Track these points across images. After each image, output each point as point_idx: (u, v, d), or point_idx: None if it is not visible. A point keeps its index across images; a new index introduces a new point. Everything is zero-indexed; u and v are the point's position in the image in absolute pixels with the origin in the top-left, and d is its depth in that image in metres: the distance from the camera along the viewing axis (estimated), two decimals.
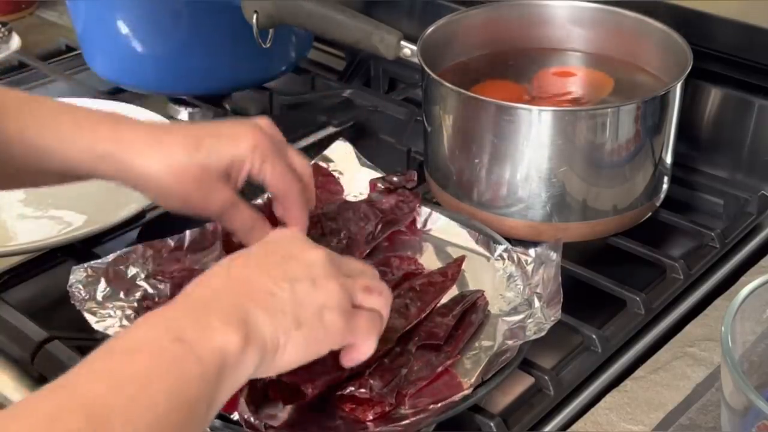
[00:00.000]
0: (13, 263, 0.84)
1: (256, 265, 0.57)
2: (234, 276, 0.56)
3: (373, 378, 0.64)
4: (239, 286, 0.55)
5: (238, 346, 0.51)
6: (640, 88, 0.88)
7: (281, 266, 0.57)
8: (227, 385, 0.50)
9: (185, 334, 0.49)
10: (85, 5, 1.07)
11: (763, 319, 0.60)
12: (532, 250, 0.75)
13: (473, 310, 0.71)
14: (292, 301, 0.55)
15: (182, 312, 0.52)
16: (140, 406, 0.45)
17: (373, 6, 1.18)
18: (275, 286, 0.55)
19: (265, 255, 0.58)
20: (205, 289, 0.54)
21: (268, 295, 0.54)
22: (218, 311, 0.52)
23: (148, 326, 0.51)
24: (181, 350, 0.48)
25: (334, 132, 1.04)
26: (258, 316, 0.53)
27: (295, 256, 0.58)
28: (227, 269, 0.56)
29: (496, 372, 0.65)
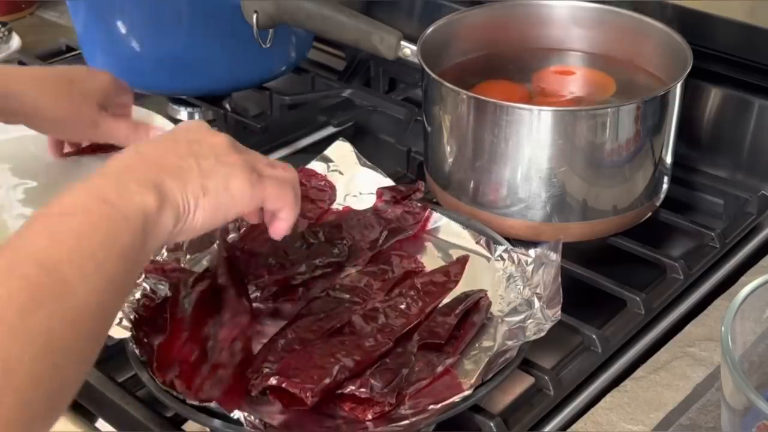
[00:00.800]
0: None
1: (163, 147, 0.63)
2: (143, 154, 0.61)
3: (374, 378, 0.64)
4: (149, 162, 0.60)
5: (155, 206, 0.57)
6: (640, 88, 0.88)
7: (186, 147, 0.63)
8: (151, 240, 0.57)
9: (109, 197, 0.55)
10: (85, 5, 1.07)
11: (763, 319, 0.60)
12: (532, 250, 0.75)
13: (476, 310, 0.71)
14: (198, 172, 0.61)
15: (102, 181, 0.58)
16: (82, 255, 0.51)
17: (373, 6, 1.18)
18: (181, 161, 0.61)
19: (172, 140, 0.64)
20: (119, 164, 0.60)
21: (175, 167, 0.60)
22: (134, 179, 0.58)
23: (73, 195, 0.56)
24: (107, 210, 0.55)
25: (334, 132, 1.04)
26: (168, 183, 0.59)
27: (199, 140, 0.64)
28: (135, 150, 0.62)
29: (496, 372, 0.65)
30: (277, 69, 1.11)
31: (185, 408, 0.63)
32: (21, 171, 0.98)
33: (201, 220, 0.61)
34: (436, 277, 0.75)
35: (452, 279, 0.75)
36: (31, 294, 0.48)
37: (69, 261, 0.50)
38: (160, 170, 0.60)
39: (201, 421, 0.63)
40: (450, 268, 0.77)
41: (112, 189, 0.56)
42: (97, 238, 0.53)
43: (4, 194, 0.94)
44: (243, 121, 1.07)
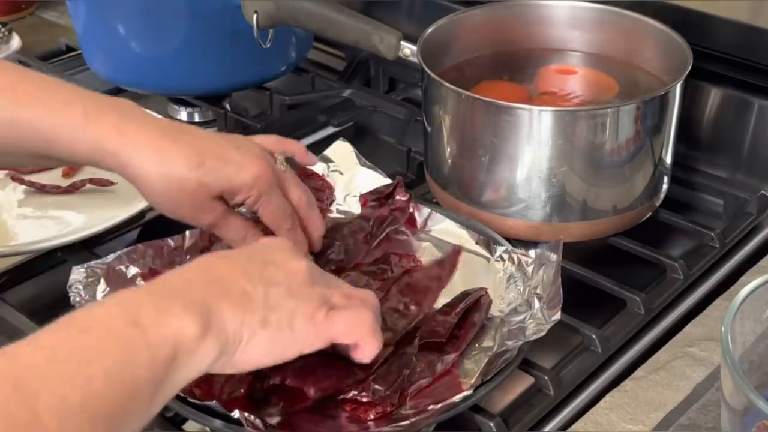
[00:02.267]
0: (13, 263, 0.84)
1: (235, 265, 0.58)
2: (211, 272, 0.56)
3: (376, 382, 0.64)
4: (213, 282, 0.55)
5: (193, 335, 0.51)
6: (640, 88, 0.88)
7: (260, 269, 0.58)
8: (180, 373, 0.51)
9: (141, 318, 0.49)
10: (85, 5, 1.07)
11: (763, 319, 0.60)
12: (533, 251, 0.75)
13: (476, 308, 0.71)
14: (263, 302, 0.56)
15: (146, 296, 0.52)
16: (74, 382, 0.45)
17: (373, 6, 1.18)
18: (249, 285, 0.56)
19: (247, 257, 0.59)
20: (178, 279, 0.55)
21: (240, 293, 0.55)
22: (183, 300, 0.52)
23: (108, 306, 0.51)
24: (131, 334, 0.49)
25: (334, 132, 1.04)
26: (224, 310, 0.54)
27: (276, 262, 0.59)
28: (206, 265, 0.57)
29: (496, 372, 0.65)
30: (277, 69, 1.11)
31: (185, 408, 0.63)
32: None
33: (255, 356, 0.56)
34: (431, 272, 0.75)
35: (447, 270, 0.75)
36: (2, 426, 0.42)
37: (51, 389, 0.44)
38: (219, 292, 0.54)
39: (201, 421, 0.63)
40: (444, 260, 0.77)
41: (151, 308, 0.50)
42: (102, 364, 0.47)
43: (4, 194, 0.94)
44: (243, 121, 1.07)
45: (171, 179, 0.67)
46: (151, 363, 0.49)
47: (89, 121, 0.68)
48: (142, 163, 0.67)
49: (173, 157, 0.67)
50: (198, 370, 0.52)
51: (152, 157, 0.67)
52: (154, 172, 0.67)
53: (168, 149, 0.67)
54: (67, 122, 0.68)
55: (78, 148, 0.68)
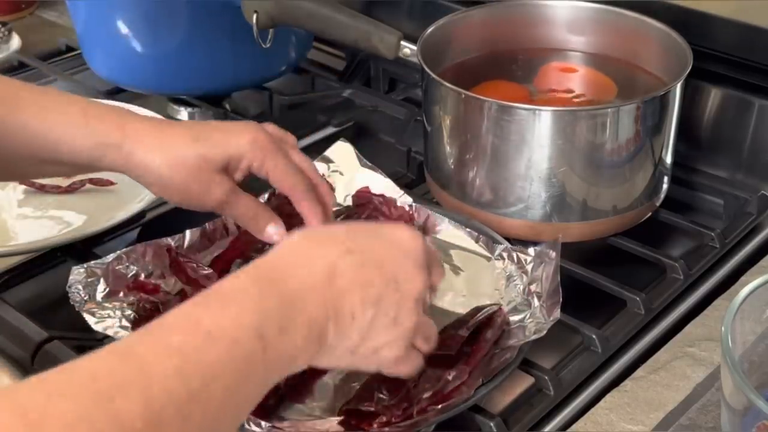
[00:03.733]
0: (13, 263, 0.84)
1: (360, 276, 0.55)
2: (335, 278, 0.54)
3: (381, 392, 0.63)
4: (332, 295, 0.53)
5: (303, 362, 0.52)
6: (640, 88, 0.88)
7: (379, 287, 0.55)
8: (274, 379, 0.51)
9: (266, 333, 0.48)
10: (85, 5, 1.07)
11: (763, 319, 0.60)
12: (532, 249, 0.75)
13: (489, 325, 0.69)
14: (366, 330, 0.55)
15: (275, 305, 0.50)
16: (197, 400, 0.44)
17: (373, 6, 1.18)
18: (360, 310, 0.54)
19: (377, 265, 0.56)
20: (302, 282, 0.52)
21: (349, 317, 0.54)
22: (304, 318, 0.51)
23: (240, 308, 0.49)
24: (254, 349, 0.48)
25: (334, 132, 1.04)
26: (330, 333, 0.53)
27: (397, 281, 0.56)
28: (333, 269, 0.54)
29: (496, 372, 0.65)
30: (277, 69, 1.11)
31: None
32: None
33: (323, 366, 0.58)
34: None
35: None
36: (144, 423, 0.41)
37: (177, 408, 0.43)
38: (333, 311, 0.53)
39: None
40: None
41: (276, 322, 0.49)
42: (225, 380, 0.46)
43: (4, 194, 0.94)
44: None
45: (172, 159, 0.69)
46: (263, 381, 0.49)
47: (89, 118, 0.69)
48: (144, 151, 0.69)
49: (172, 140, 0.70)
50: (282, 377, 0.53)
51: (153, 143, 0.69)
52: (156, 156, 0.69)
53: (166, 133, 0.70)
54: (68, 120, 0.69)
55: (80, 146, 0.69)
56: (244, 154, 0.70)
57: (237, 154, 0.70)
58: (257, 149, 0.70)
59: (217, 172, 0.70)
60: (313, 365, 0.55)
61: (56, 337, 0.73)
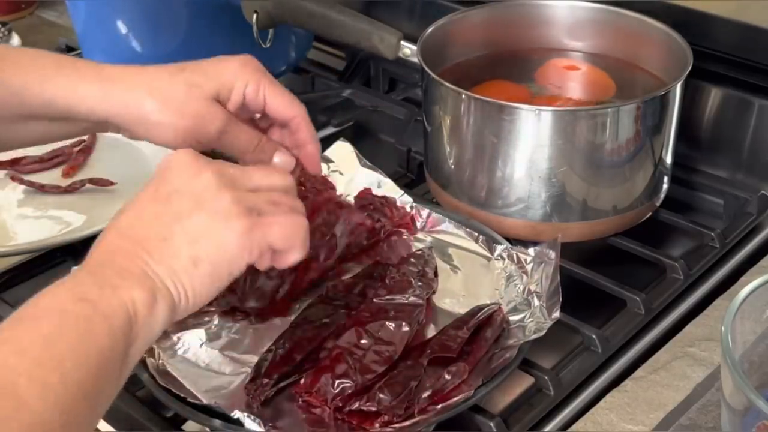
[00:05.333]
0: (13, 263, 0.84)
1: (144, 213, 0.56)
2: (125, 230, 0.55)
3: (382, 392, 0.63)
4: (131, 240, 0.54)
5: (144, 301, 0.52)
6: (640, 88, 0.88)
7: (169, 206, 0.56)
8: (141, 338, 0.52)
9: (88, 294, 0.50)
10: (85, 5, 1.07)
11: (763, 319, 0.60)
12: (532, 249, 0.75)
13: (489, 324, 0.69)
14: (185, 240, 0.54)
15: (83, 276, 0.52)
16: (45, 367, 0.46)
17: (373, 6, 1.18)
18: (165, 229, 0.55)
19: (152, 197, 0.57)
20: (101, 251, 0.54)
21: (160, 242, 0.54)
22: (117, 270, 0.52)
23: (52, 293, 0.51)
24: (85, 309, 0.50)
25: (334, 132, 1.04)
26: (155, 267, 0.53)
27: (180, 190, 0.56)
28: (117, 224, 0.56)
29: (496, 372, 0.65)
30: (277, 69, 1.11)
31: (185, 408, 0.63)
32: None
33: (200, 297, 0.56)
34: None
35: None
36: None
37: (28, 375, 0.46)
38: (143, 252, 0.54)
39: (201, 421, 0.63)
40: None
41: (93, 284, 0.51)
42: (66, 343, 0.48)
43: (4, 194, 0.95)
44: None
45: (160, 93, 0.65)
46: (110, 331, 0.50)
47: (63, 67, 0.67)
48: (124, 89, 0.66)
49: (155, 74, 0.67)
50: (156, 331, 0.53)
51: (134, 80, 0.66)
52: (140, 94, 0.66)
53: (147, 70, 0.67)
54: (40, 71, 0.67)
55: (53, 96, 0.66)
56: (237, 77, 0.67)
57: (229, 79, 0.67)
58: (250, 71, 0.67)
59: (209, 100, 0.66)
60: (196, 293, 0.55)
61: None
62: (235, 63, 0.68)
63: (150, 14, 1.04)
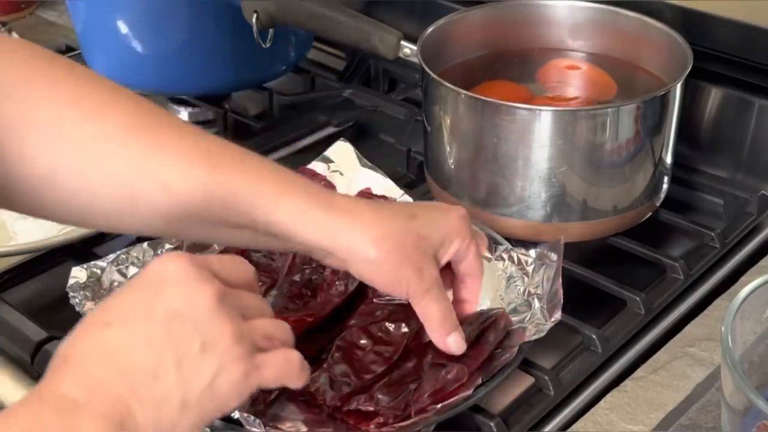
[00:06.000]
0: (13, 263, 0.84)
1: (137, 334, 0.48)
2: (111, 352, 0.47)
3: (381, 392, 0.63)
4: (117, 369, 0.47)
5: None
6: (640, 88, 0.88)
7: (164, 331, 0.48)
8: None
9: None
10: (85, 5, 1.07)
11: (763, 319, 0.60)
12: (533, 250, 0.75)
13: (492, 328, 0.68)
14: (178, 381, 0.48)
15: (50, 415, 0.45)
16: None
17: (373, 6, 1.18)
18: (158, 365, 0.47)
19: (147, 317, 0.48)
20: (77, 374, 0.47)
21: (150, 380, 0.47)
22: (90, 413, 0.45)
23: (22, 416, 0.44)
24: None
25: (334, 132, 1.04)
26: (138, 414, 0.46)
27: (180, 313, 0.49)
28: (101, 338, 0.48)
29: (496, 372, 0.65)
30: (277, 69, 1.11)
31: None
32: None
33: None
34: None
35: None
36: None
37: None
38: (129, 391, 0.46)
39: None
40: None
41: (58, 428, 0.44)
42: None
43: None
44: (243, 121, 1.07)
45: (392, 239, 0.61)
46: None
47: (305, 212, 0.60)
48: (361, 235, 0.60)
49: (387, 215, 0.62)
50: None
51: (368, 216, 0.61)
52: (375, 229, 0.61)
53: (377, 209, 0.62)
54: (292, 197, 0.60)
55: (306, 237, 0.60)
56: (455, 235, 0.63)
57: (449, 233, 0.63)
58: (465, 230, 0.64)
59: (430, 256, 0.62)
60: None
61: (56, 337, 0.73)
62: (458, 217, 0.64)
63: (150, 14, 1.04)
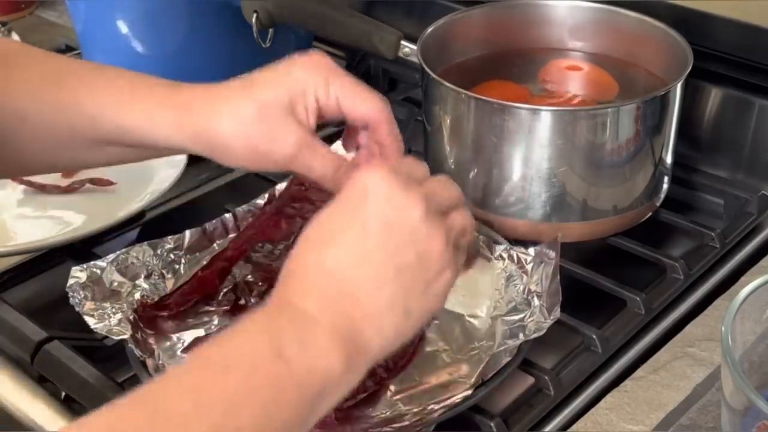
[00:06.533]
0: (13, 263, 0.84)
1: (352, 249, 0.50)
2: (332, 270, 0.49)
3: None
4: (339, 285, 0.49)
5: (341, 369, 0.47)
6: (640, 88, 0.88)
7: (381, 244, 0.50)
8: (324, 405, 0.47)
9: (286, 351, 0.45)
10: (85, 5, 1.07)
11: (763, 319, 0.60)
12: (532, 249, 0.75)
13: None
14: (399, 290, 0.50)
15: (284, 321, 0.47)
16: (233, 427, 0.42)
17: (373, 6, 1.18)
18: (379, 277, 0.49)
19: (361, 228, 0.50)
20: (302, 291, 0.49)
21: (373, 291, 0.49)
22: (324, 327, 0.47)
23: (247, 335, 0.46)
24: (278, 369, 0.45)
25: (334, 132, 1.04)
26: (365, 329, 0.48)
27: (392, 225, 0.50)
28: (321, 259, 0.50)
29: (496, 372, 0.65)
30: None
31: None
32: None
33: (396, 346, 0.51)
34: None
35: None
36: None
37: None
38: (353, 305, 0.48)
39: None
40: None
41: (293, 338, 0.46)
42: (250, 409, 0.43)
43: (4, 194, 0.94)
44: None
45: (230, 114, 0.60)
46: (299, 402, 0.45)
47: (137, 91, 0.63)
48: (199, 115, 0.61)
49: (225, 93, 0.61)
50: (340, 397, 0.48)
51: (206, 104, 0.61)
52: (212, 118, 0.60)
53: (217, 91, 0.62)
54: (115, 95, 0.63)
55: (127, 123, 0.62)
56: (305, 82, 0.60)
57: (298, 86, 0.60)
58: (319, 76, 0.60)
59: (282, 116, 0.59)
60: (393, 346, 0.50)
61: (56, 337, 0.73)
62: (299, 65, 0.61)
63: (150, 14, 1.04)
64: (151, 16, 1.04)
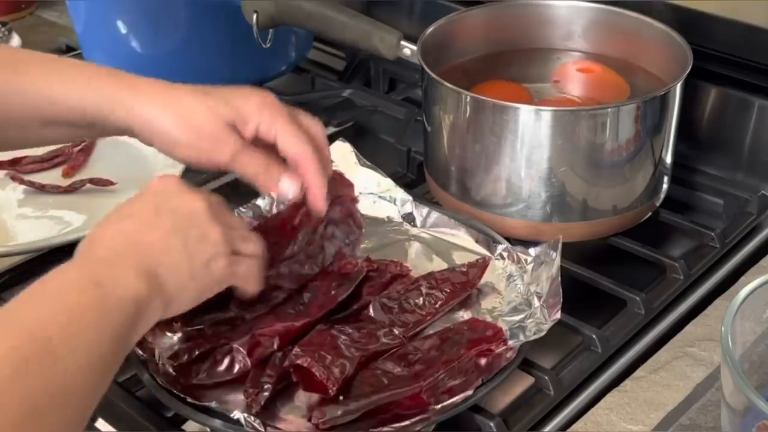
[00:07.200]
0: (13, 263, 0.84)
1: (145, 223, 0.61)
2: (128, 234, 0.60)
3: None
4: (137, 244, 0.59)
5: (146, 295, 0.57)
6: (640, 88, 0.88)
7: (169, 220, 0.61)
8: (140, 325, 0.57)
9: (102, 282, 0.55)
10: (85, 5, 1.07)
11: (763, 319, 0.60)
12: (532, 249, 0.75)
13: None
14: (185, 255, 0.61)
15: (95, 266, 0.57)
16: (72, 332, 0.51)
17: (373, 6, 1.18)
18: (167, 240, 0.60)
19: (152, 211, 0.62)
20: (108, 246, 0.59)
21: (163, 251, 0.60)
22: (128, 266, 0.57)
23: (68, 273, 0.56)
24: (100, 293, 0.54)
25: (334, 132, 1.04)
26: (161, 272, 0.59)
27: (177, 209, 0.62)
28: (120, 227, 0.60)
29: (496, 372, 0.65)
30: (277, 69, 1.11)
31: (185, 408, 0.63)
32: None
33: (186, 304, 0.62)
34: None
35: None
36: (18, 364, 0.48)
37: (60, 336, 0.50)
38: (150, 255, 0.59)
39: (201, 421, 0.63)
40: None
41: (107, 275, 0.56)
42: (89, 318, 0.53)
43: (4, 194, 0.95)
44: None
45: (179, 113, 0.68)
46: (122, 317, 0.55)
47: (93, 78, 0.69)
48: (151, 106, 0.68)
49: (179, 93, 0.69)
50: (150, 324, 0.58)
51: (160, 97, 0.69)
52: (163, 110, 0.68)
53: (172, 88, 0.70)
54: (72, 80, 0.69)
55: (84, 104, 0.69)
56: (252, 114, 0.69)
57: (246, 113, 0.69)
58: (266, 109, 0.69)
59: (225, 126, 0.68)
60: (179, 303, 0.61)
61: None
62: (255, 100, 0.70)
63: (150, 14, 1.04)
64: (151, 16, 1.04)
